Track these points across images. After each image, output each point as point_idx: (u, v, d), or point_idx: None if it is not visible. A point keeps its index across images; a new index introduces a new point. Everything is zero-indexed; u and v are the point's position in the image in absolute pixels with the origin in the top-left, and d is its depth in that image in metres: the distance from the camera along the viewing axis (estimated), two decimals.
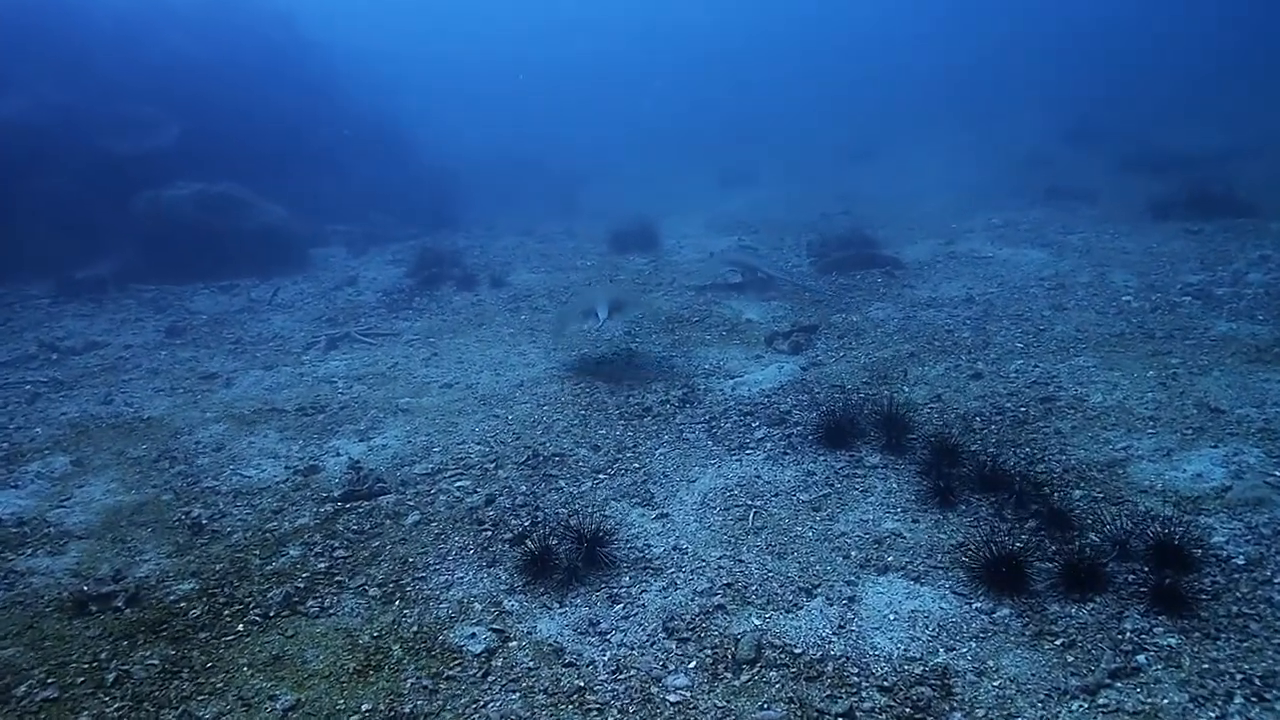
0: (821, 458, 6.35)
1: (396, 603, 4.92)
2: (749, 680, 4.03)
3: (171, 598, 5.16)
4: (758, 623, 4.44)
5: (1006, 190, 18.59)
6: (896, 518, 5.39)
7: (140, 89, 18.30)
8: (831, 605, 4.56)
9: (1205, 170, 17.09)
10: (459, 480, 6.48)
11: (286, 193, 19.95)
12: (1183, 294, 9.49)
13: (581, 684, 4.09)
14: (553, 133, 44.76)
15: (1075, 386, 7.21)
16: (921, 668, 4.01)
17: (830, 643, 4.24)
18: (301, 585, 5.16)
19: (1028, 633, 4.18)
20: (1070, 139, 24.78)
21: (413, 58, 45.09)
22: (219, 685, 4.26)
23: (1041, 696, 3.75)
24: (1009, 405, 6.97)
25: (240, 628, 4.77)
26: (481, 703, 4.01)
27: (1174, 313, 8.93)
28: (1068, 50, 44.56)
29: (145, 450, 7.49)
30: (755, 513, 5.61)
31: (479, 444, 7.15)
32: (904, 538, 5.15)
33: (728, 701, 3.88)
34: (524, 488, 6.26)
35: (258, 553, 5.65)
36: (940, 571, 4.77)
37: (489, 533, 5.62)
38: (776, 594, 4.68)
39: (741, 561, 5.03)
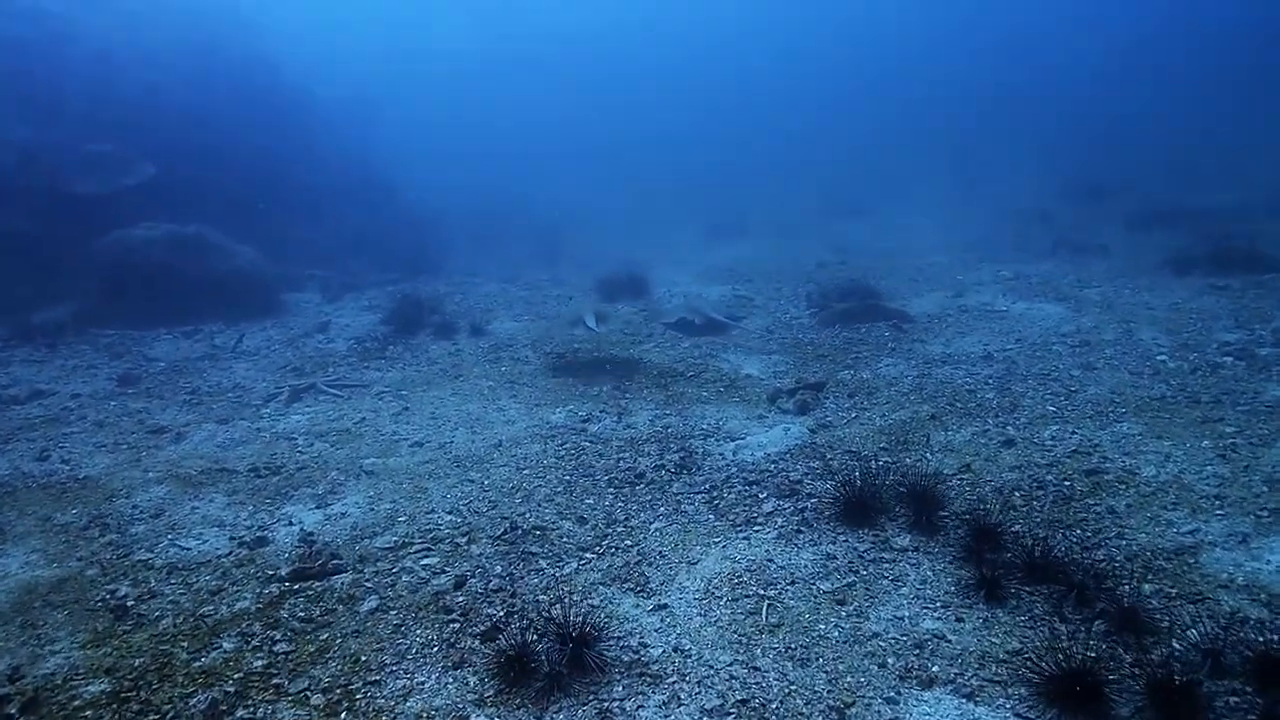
0: (842, 537, 5.61)
1: (343, 715, 4.12)
2: None
3: (77, 703, 4.35)
4: None
5: (1009, 244, 18.18)
6: (937, 615, 4.64)
7: (115, 128, 17.77)
8: None
9: (1217, 225, 16.76)
10: (425, 557, 5.70)
11: (261, 236, 19.38)
12: (1222, 354, 8.88)
13: None
14: (539, 177, 44.67)
15: (1122, 457, 6.52)
16: None
17: None
18: (232, 689, 4.36)
19: None
20: (1068, 194, 24.56)
21: (394, 99, 45.02)
22: None
23: None
24: (1050, 478, 6.27)
25: None
26: None
27: (1216, 374, 8.30)
28: (1061, 106, 44.93)
29: (75, 515, 6.69)
30: (769, 605, 4.85)
31: (450, 513, 6.38)
32: (949, 641, 4.40)
33: None
34: (499, 568, 5.48)
35: (186, 644, 4.84)
36: (997, 687, 4.02)
37: (457, 624, 4.84)
38: (803, 715, 3.90)
39: (757, 669, 4.26)
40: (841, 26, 70.77)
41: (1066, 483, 6.17)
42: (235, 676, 4.48)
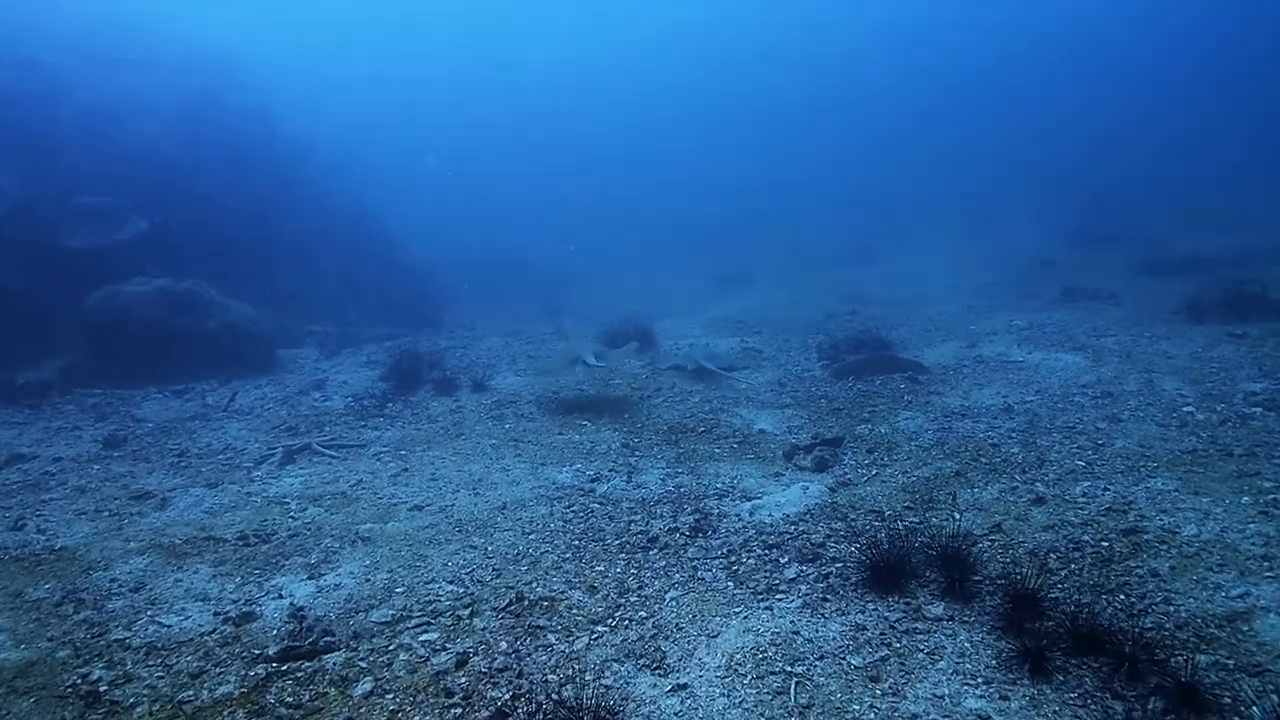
0: (871, 605, 5.29)
1: None
2: None
3: None
4: None
5: (1018, 292, 18.07)
6: (980, 693, 4.32)
7: (109, 181, 17.77)
8: None
9: (1226, 271, 16.65)
10: (425, 633, 5.37)
11: (258, 290, 19.26)
12: (1250, 404, 8.63)
13: None
14: (542, 227, 44.93)
15: (1160, 515, 6.23)
16: None
17: None
18: None
19: None
20: (1072, 242, 24.59)
21: (396, 148, 45.58)
22: None
23: None
24: (1086, 538, 5.97)
25: None
26: None
27: (1247, 426, 8.05)
28: (1063, 154, 45.39)
29: (48, 590, 6.35)
30: (798, 683, 4.52)
31: (451, 583, 6.06)
32: None
33: None
34: (504, 644, 5.16)
35: None
36: None
37: (459, 709, 4.51)
38: None
39: None
40: (847, 75, 71.99)
41: (1104, 543, 5.87)
42: None
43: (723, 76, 74.14)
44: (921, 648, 4.78)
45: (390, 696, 4.68)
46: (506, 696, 4.58)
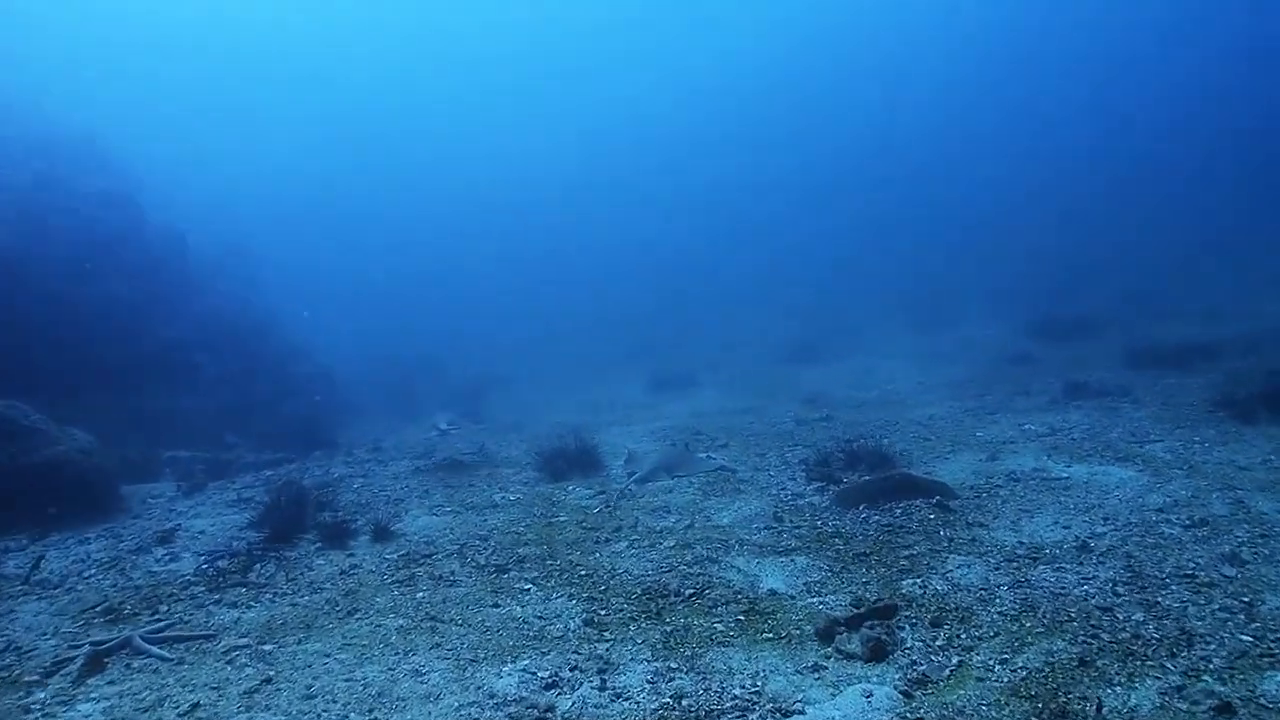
0: None
1: None
2: None
3: None
4: None
5: (1005, 390, 16.46)
6: None
7: None
8: None
9: (1234, 363, 15.43)
10: None
11: (114, 410, 16.44)
12: None
13: None
14: (452, 332, 42.80)
15: None
16: None
17: None
18: None
19: None
20: (1043, 332, 23.44)
21: (283, 247, 43.37)
22: None
23: None
24: None
25: None
26: None
27: None
28: (1013, 243, 45.69)
29: None
30: None
31: None
32: None
33: None
34: None
35: None
36: None
37: None
38: None
39: None
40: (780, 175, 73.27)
41: None
42: None
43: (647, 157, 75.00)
44: None
45: None
46: None
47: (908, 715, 4.94)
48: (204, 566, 8.73)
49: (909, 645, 5.87)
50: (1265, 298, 23.80)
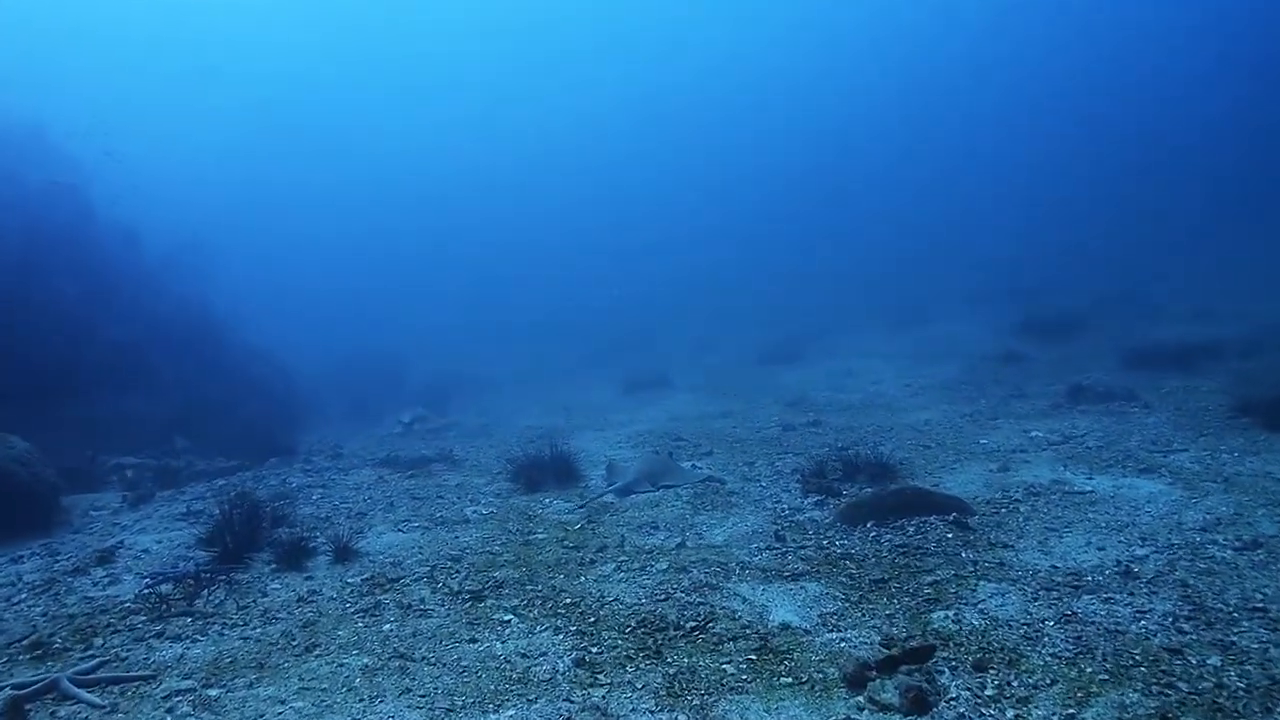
0: None
1: None
2: None
3: None
4: None
5: (1000, 393, 15.99)
6: None
7: None
8: None
9: (1243, 363, 15.10)
10: None
11: (58, 415, 15.52)
12: None
13: None
14: (415, 330, 41.94)
15: None
16: None
17: None
18: None
19: None
20: (1031, 332, 23.06)
21: (244, 243, 42.34)
22: None
23: None
24: None
25: None
26: None
27: None
28: (993, 241, 45.65)
29: None
30: None
31: None
32: None
33: None
34: None
35: None
36: None
37: None
38: None
39: None
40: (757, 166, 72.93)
41: None
42: None
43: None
44: None
45: None
46: None
47: None
48: (146, 591, 7.92)
49: (953, 695, 5.20)
50: (1253, 298, 23.63)
